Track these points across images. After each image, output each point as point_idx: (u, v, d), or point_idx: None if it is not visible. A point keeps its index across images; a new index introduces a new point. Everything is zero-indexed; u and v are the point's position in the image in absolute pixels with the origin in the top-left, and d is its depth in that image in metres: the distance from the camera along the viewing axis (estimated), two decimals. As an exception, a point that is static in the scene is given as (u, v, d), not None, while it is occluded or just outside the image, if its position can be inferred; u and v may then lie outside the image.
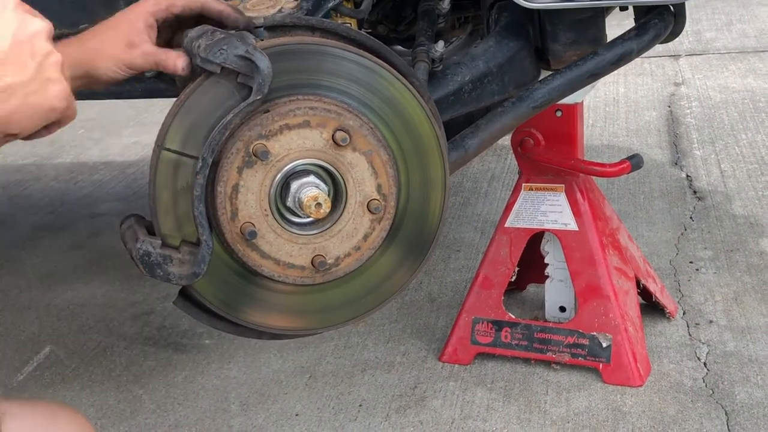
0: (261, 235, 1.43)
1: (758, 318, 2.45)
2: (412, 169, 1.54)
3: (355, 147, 1.44)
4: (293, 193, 1.43)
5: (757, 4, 6.02)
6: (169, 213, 1.44)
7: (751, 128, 3.87)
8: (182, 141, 1.41)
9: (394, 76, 1.49)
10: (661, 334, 2.41)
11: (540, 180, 2.31)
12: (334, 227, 1.47)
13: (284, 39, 1.45)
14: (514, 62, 1.96)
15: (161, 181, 1.43)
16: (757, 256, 2.78)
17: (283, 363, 2.44)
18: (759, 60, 4.84)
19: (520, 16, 1.96)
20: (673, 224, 3.05)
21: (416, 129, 1.52)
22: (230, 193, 1.40)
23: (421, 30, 1.95)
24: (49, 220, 3.64)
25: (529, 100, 1.86)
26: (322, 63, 1.45)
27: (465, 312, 2.35)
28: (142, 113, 4.87)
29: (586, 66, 1.85)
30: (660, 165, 3.58)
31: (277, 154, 1.41)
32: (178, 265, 1.43)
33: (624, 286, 2.28)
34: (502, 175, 3.61)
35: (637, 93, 4.49)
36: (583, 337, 2.23)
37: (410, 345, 2.47)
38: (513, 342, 2.31)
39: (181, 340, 2.60)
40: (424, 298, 2.72)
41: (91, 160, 4.33)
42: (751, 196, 3.20)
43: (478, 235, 3.11)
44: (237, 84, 1.40)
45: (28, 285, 3.07)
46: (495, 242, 2.34)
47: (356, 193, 1.47)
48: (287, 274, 1.47)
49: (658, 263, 2.78)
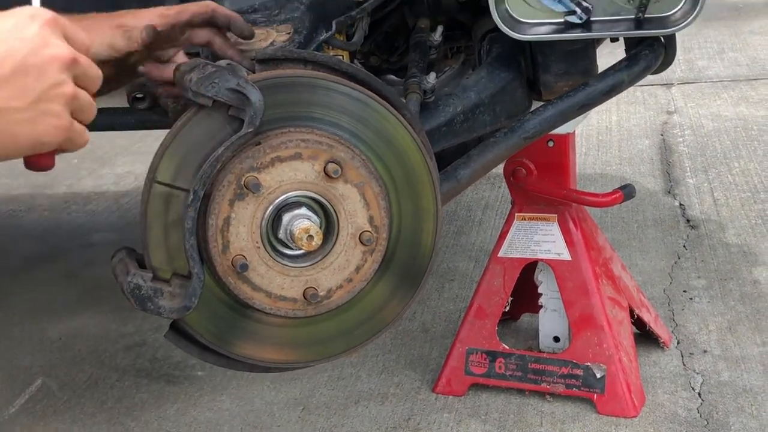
0: (252, 267, 1.43)
1: (752, 347, 2.45)
2: (404, 201, 1.54)
3: (347, 179, 1.44)
4: (285, 226, 1.43)
5: (748, 33, 6.06)
6: (160, 246, 1.43)
7: (743, 156, 3.88)
8: (173, 174, 1.41)
9: (385, 108, 1.50)
10: (656, 363, 2.40)
11: (533, 210, 2.31)
12: (326, 259, 1.47)
13: (276, 72, 1.46)
14: (506, 93, 1.97)
15: (152, 214, 1.42)
16: (750, 285, 2.78)
17: (276, 395, 2.42)
18: (751, 88, 4.87)
19: (512, 47, 1.97)
20: (667, 253, 3.05)
21: (408, 160, 1.52)
22: (221, 225, 1.40)
23: (413, 61, 1.96)
24: (42, 250, 3.63)
25: (521, 131, 1.87)
26: (313, 95, 1.45)
27: (459, 342, 2.34)
28: (136, 143, 4.88)
29: (578, 97, 1.86)
30: (653, 193, 3.58)
31: (268, 186, 1.41)
32: (169, 299, 1.42)
33: (618, 316, 2.28)
34: (496, 204, 3.61)
35: (630, 121, 4.51)
36: (577, 367, 2.22)
37: (404, 376, 2.46)
38: (507, 373, 2.30)
39: (174, 372, 2.59)
40: (418, 328, 2.71)
41: (85, 190, 4.32)
42: (744, 225, 3.21)
43: (472, 264, 3.11)
44: (228, 117, 1.40)
45: (21, 316, 3.05)
46: (488, 272, 2.34)
47: (348, 225, 1.46)
48: (279, 307, 1.47)
49: (651, 292, 2.78)
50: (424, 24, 2.17)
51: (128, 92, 1.64)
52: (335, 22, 1.70)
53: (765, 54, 5.51)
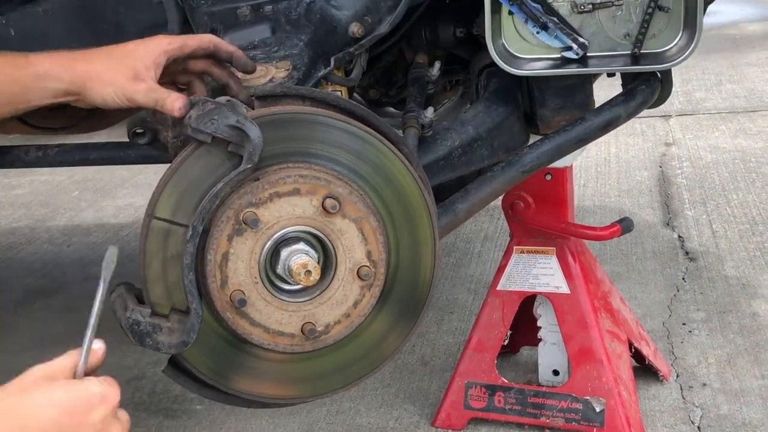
0: (251, 302, 1.44)
1: (751, 381, 2.44)
2: (401, 235, 1.55)
3: (345, 214, 1.45)
4: (283, 261, 1.44)
5: (746, 65, 6.10)
6: (159, 281, 1.44)
7: (742, 188, 3.89)
8: (173, 209, 1.42)
9: (383, 144, 1.51)
10: (655, 397, 2.40)
11: (531, 243, 2.32)
12: (324, 294, 1.48)
13: (275, 108, 1.47)
14: (504, 127, 1.99)
15: (151, 249, 1.44)
16: (749, 318, 2.78)
17: (275, 429, 2.42)
18: (749, 120, 4.89)
19: (509, 82, 1.99)
20: (666, 285, 3.05)
21: (405, 195, 1.53)
22: (220, 261, 1.41)
23: (411, 96, 1.98)
24: (42, 283, 3.63)
25: (519, 165, 1.88)
26: (312, 131, 1.47)
27: (458, 376, 2.34)
28: (136, 175, 4.89)
29: (575, 131, 1.88)
30: (652, 225, 3.59)
31: (267, 221, 1.42)
32: (167, 334, 1.43)
33: (617, 350, 2.27)
34: (495, 236, 3.62)
35: (629, 153, 4.52)
36: (576, 401, 2.22)
37: (403, 410, 2.46)
38: (506, 407, 2.29)
39: (172, 406, 2.58)
40: (417, 361, 2.71)
41: (85, 222, 4.33)
42: (743, 257, 3.21)
43: (471, 297, 3.11)
44: (228, 153, 1.42)
45: (20, 349, 3.05)
46: (487, 305, 2.34)
47: (346, 260, 1.47)
48: (277, 342, 1.47)
49: (651, 325, 2.77)
50: (422, 59, 2.20)
51: (129, 127, 1.65)
52: (334, 59, 1.72)
53: (762, 86, 5.54)
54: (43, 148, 2.23)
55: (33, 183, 4.94)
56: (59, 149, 2.21)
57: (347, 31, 1.76)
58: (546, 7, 1.81)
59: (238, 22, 1.73)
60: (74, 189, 4.85)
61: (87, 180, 4.95)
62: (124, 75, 1.45)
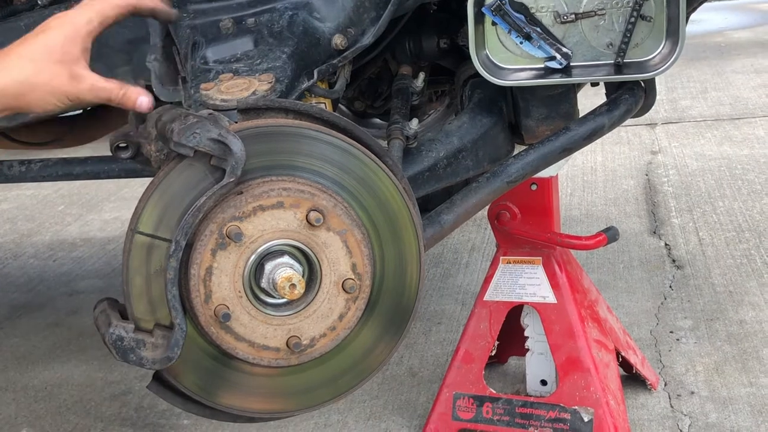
0: (235, 317, 1.43)
1: (739, 388, 2.44)
2: (386, 247, 1.54)
3: (329, 227, 1.45)
4: (267, 274, 1.43)
5: (731, 72, 6.12)
6: (143, 297, 1.43)
7: (728, 195, 3.90)
8: (155, 224, 1.41)
9: (367, 156, 1.50)
10: (643, 406, 2.40)
11: (517, 253, 2.32)
12: (309, 308, 1.47)
13: (257, 121, 1.47)
14: (488, 138, 1.98)
15: (134, 264, 1.42)
16: (737, 325, 2.78)
17: (263, 442, 2.41)
18: (734, 127, 4.91)
19: (493, 92, 1.99)
20: (653, 294, 3.06)
21: (390, 207, 1.53)
22: (204, 275, 1.40)
23: (396, 108, 1.97)
24: (28, 298, 3.61)
25: (504, 175, 1.88)
26: (295, 144, 1.46)
27: (446, 387, 2.33)
28: (122, 188, 4.87)
29: (559, 141, 1.87)
30: (638, 234, 3.59)
31: (250, 235, 1.41)
32: (151, 350, 1.42)
33: (604, 359, 2.27)
34: (483, 246, 3.62)
35: (615, 162, 4.53)
36: (564, 411, 2.21)
37: (391, 422, 2.45)
38: (494, 417, 2.28)
39: (159, 421, 2.56)
40: (405, 372, 2.70)
41: (71, 237, 4.31)
42: (730, 264, 3.22)
43: (459, 307, 3.10)
44: (210, 166, 1.41)
45: (5, 365, 3.03)
46: (474, 316, 2.34)
47: (331, 272, 1.47)
48: (262, 356, 1.46)
49: (638, 333, 2.77)
50: (406, 70, 2.19)
51: (111, 142, 1.64)
52: (317, 71, 1.71)
53: (747, 93, 5.56)
54: (26, 162, 2.22)
55: (19, 197, 4.92)
56: (42, 164, 2.20)
57: (330, 43, 1.76)
58: (529, 18, 1.81)
59: (220, 35, 1.72)
60: (60, 203, 4.83)
61: (73, 194, 4.93)
62: (59, 78, 1.33)
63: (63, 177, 2.24)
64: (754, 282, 3.06)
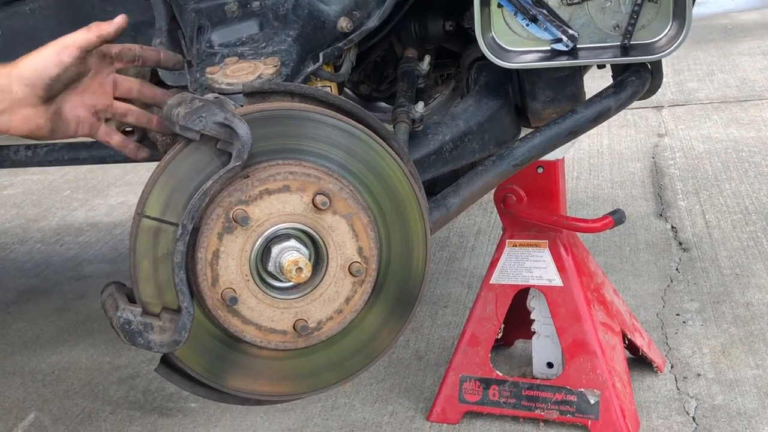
0: (242, 300, 1.43)
1: (746, 370, 2.45)
2: (393, 230, 1.54)
3: (336, 210, 1.45)
4: (274, 258, 1.43)
5: (737, 54, 6.10)
6: (150, 280, 1.43)
7: (734, 178, 3.89)
8: (162, 208, 1.42)
9: (373, 139, 1.50)
10: (650, 388, 2.40)
11: (523, 236, 2.32)
12: (316, 291, 1.47)
13: (263, 105, 1.46)
14: (494, 121, 1.98)
15: (141, 248, 1.43)
16: (743, 307, 2.78)
17: (270, 426, 2.41)
18: (741, 109, 4.89)
19: (499, 75, 1.98)
20: (659, 276, 3.05)
21: (396, 190, 1.53)
22: (211, 259, 1.40)
23: (401, 91, 1.97)
24: (35, 283, 3.62)
25: (510, 158, 1.87)
26: (301, 128, 1.46)
27: (452, 370, 2.34)
28: (129, 173, 4.88)
29: (565, 124, 1.87)
30: (645, 216, 3.59)
31: (257, 219, 1.42)
32: (158, 333, 1.42)
33: (611, 341, 2.27)
34: (489, 230, 3.61)
35: (621, 144, 4.52)
36: (571, 393, 2.22)
37: (398, 405, 2.45)
38: (501, 400, 2.29)
39: (167, 404, 2.58)
40: (412, 356, 2.71)
41: (78, 222, 4.32)
42: (737, 247, 3.21)
43: (465, 291, 3.11)
44: (216, 150, 1.41)
45: (13, 350, 3.04)
46: (481, 299, 2.34)
47: (337, 256, 1.47)
48: (269, 340, 1.46)
49: (644, 316, 2.78)
50: (411, 53, 2.18)
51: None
52: (322, 54, 1.70)
53: (754, 75, 5.54)
54: (32, 147, 2.22)
55: (25, 182, 4.93)
56: (48, 149, 2.20)
57: (336, 26, 1.75)
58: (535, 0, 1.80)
59: (225, 18, 1.71)
60: (66, 188, 4.83)
61: (79, 179, 4.93)
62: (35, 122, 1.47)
63: (69, 162, 2.24)
64: (760, 264, 3.06)
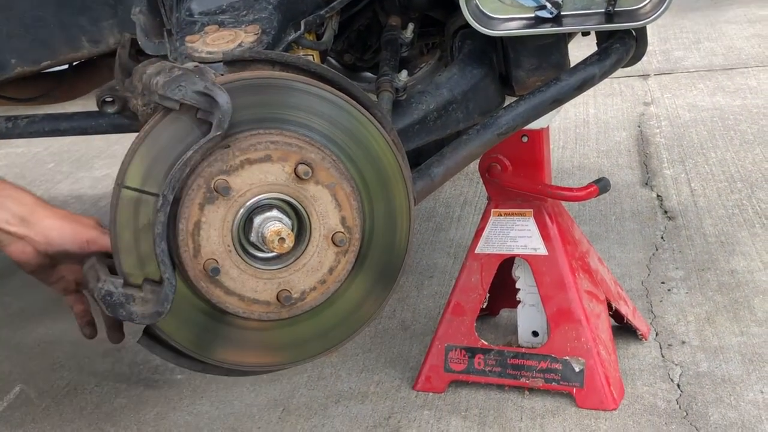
0: (224, 271, 1.42)
1: (730, 337, 2.46)
2: (376, 200, 1.53)
3: (318, 180, 1.44)
4: (256, 228, 1.43)
5: (724, 22, 6.08)
6: (131, 252, 1.42)
7: (720, 146, 3.89)
8: (142, 178, 1.41)
9: (355, 108, 1.49)
10: (634, 356, 2.41)
11: (508, 205, 2.31)
12: (299, 261, 1.47)
13: (244, 74, 1.45)
14: (479, 89, 1.97)
15: (122, 219, 1.42)
16: (728, 275, 2.79)
17: (256, 397, 2.41)
18: (727, 78, 4.89)
19: (483, 43, 1.97)
20: (645, 245, 3.06)
21: (379, 160, 1.52)
22: (192, 230, 1.40)
23: (385, 60, 1.96)
24: (19, 256, 3.59)
25: (494, 127, 1.87)
26: (282, 97, 1.45)
27: (438, 340, 2.34)
28: (113, 145, 4.85)
29: (549, 92, 1.86)
30: (630, 185, 3.59)
31: (238, 189, 1.41)
32: (140, 304, 1.41)
33: (595, 310, 2.28)
34: (475, 200, 3.61)
35: (607, 113, 4.51)
36: (556, 362, 2.23)
37: (384, 374, 2.46)
38: (486, 369, 2.29)
39: (153, 376, 2.57)
40: (398, 326, 2.71)
41: (62, 195, 4.29)
42: (722, 215, 3.22)
43: (451, 261, 3.10)
44: (197, 120, 1.40)
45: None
46: (466, 268, 2.34)
47: (320, 226, 1.46)
48: (252, 310, 1.46)
49: (629, 284, 2.78)
50: (395, 21, 2.17)
51: (98, 96, 1.63)
52: (304, 22, 1.69)
53: (740, 43, 5.53)
54: (12, 119, 2.20)
55: (9, 155, 4.89)
56: (29, 120, 2.18)
57: (318, -6, 1.74)
58: (519, -34, 1.79)
59: (206, -13, 1.70)
60: (50, 161, 4.80)
61: (63, 151, 4.90)
62: None
63: (50, 133, 2.22)
64: (745, 232, 3.06)
